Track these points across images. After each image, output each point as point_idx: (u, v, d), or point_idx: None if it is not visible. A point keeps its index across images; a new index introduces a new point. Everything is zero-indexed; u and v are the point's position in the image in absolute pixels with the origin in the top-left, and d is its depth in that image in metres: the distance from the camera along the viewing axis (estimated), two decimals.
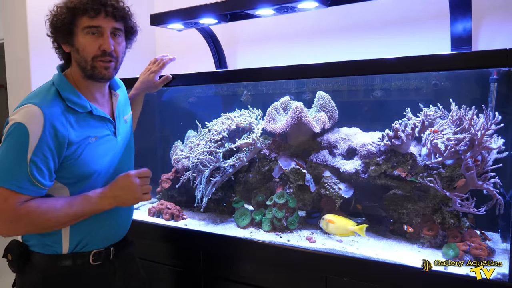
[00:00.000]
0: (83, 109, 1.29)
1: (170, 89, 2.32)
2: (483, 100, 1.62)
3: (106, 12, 1.26)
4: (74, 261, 1.31)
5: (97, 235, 1.35)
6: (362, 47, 2.09)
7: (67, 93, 1.26)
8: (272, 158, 1.91)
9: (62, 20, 1.25)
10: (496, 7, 1.79)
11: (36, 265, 1.29)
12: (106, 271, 1.38)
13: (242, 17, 1.95)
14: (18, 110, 1.19)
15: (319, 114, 1.83)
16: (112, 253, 1.40)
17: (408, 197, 1.66)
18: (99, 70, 1.29)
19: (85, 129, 1.28)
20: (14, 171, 1.15)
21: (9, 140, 1.17)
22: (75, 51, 1.29)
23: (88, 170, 1.29)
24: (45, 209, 1.19)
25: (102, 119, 1.35)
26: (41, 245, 1.29)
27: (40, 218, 1.19)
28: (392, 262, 1.44)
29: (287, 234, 1.75)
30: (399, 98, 1.89)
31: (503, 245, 1.55)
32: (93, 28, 1.26)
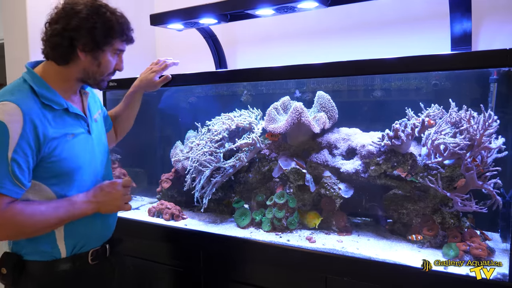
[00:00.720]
0: (59, 106, 1.28)
1: (170, 89, 2.32)
2: (483, 100, 1.62)
3: (131, 39, 1.38)
4: (74, 263, 1.30)
5: (91, 233, 1.36)
6: (362, 47, 2.09)
7: (41, 90, 1.25)
8: (272, 158, 1.91)
9: (103, 35, 1.27)
10: (496, 7, 1.79)
11: (32, 274, 1.27)
12: (104, 269, 1.39)
13: (242, 17, 1.95)
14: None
15: (319, 114, 1.82)
16: (108, 250, 1.41)
17: (408, 197, 1.66)
18: (103, 83, 1.38)
19: (62, 126, 1.28)
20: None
21: None
22: (94, 63, 1.30)
23: (69, 168, 1.28)
24: (30, 212, 1.18)
25: (77, 116, 1.35)
26: (37, 253, 1.27)
27: (27, 221, 1.18)
28: (392, 262, 1.44)
29: (287, 234, 1.75)
30: (399, 98, 1.89)
31: (503, 245, 1.55)
32: (120, 51, 1.36)
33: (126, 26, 1.33)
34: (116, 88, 2.04)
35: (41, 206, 1.22)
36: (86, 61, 1.29)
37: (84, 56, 1.28)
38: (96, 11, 1.26)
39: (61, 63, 1.29)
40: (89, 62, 1.30)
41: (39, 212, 1.20)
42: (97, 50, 1.28)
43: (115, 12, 1.31)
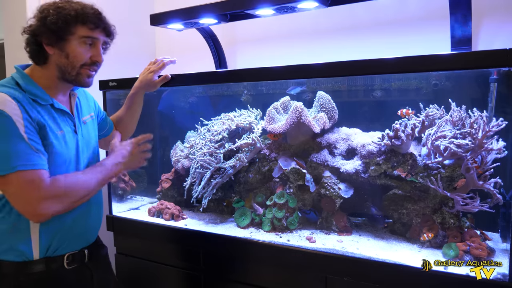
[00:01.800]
0: (45, 101, 1.30)
1: (170, 89, 2.32)
2: (483, 100, 1.62)
3: (103, 27, 1.35)
4: (48, 266, 1.29)
5: (68, 236, 1.34)
6: (363, 47, 2.09)
7: (28, 86, 1.28)
8: (272, 158, 1.91)
9: (60, 24, 1.26)
10: (496, 7, 1.79)
11: (7, 274, 1.26)
12: (83, 276, 1.38)
13: (242, 17, 1.95)
14: None
15: (319, 114, 1.82)
16: (87, 255, 1.39)
17: (408, 197, 1.66)
18: (82, 77, 1.35)
19: (51, 121, 1.30)
20: (20, 153, 1.17)
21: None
22: (62, 55, 1.30)
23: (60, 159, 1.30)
24: (72, 180, 1.26)
25: (63, 113, 1.36)
26: (12, 252, 1.26)
27: (73, 187, 1.25)
28: (392, 262, 1.44)
29: (287, 234, 1.75)
30: (399, 98, 1.89)
31: (503, 245, 1.55)
32: (89, 39, 1.33)
33: (85, 12, 1.30)
34: (116, 88, 2.04)
35: (78, 174, 1.31)
36: (55, 55, 1.30)
37: (51, 50, 1.30)
38: (51, 4, 1.29)
39: (39, 63, 1.33)
40: (57, 55, 1.30)
41: (79, 178, 1.29)
42: (60, 41, 1.28)
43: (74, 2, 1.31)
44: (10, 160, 1.15)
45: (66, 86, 1.39)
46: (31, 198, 1.17)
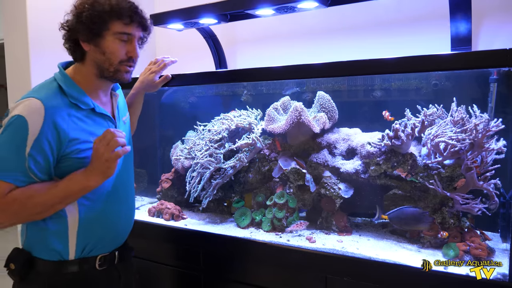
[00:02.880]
0: (85, 105, 1.29)
1: (170, 89, 2.32)
2: (483, 100, 1.62)
3: (138, 21, 1.31)
4: (81, 267, 1.29)
5: (103, 238, 1.35)
6: (362, 47, 2.09)
7: (70, 89, 1.27)
8: (272, 158, 1.91)
9: (95, 20, 1.24)
10: (496, 7, 1.79)
11: (41, 272, 1.27)
12: (111, 276, 1.39)
13: (242, 17, 1.95)
14: (20, 103, 1.19)
15: (319, 114, 1.82)
16: (117, 257, 1.40)
17: (408, 197, 1.66)
18: (121, 73, 1.33)
19: (89, 126, 1.29)
20: (10, 164, 1.15)
21: (8, 132, 1.16)
22: (99, 52, 1.29)
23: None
24: (31, 194, 1.18)
25: (104, 117, 1.35)
26: (46, 251, 1.27)
27: (28, 203, 1.17)
28: (392, 262, 1.44)
29: (287, 234, 1.75)
30: (399, 98, 1.89)
31: (503, 245, 1.55)
32: (125, 35, 1.30)
33: (122, 7, 1.27)
34: None
35: (41, 186, 1.19)
36: (92, 52, 1.29)
37: (87, 47, 1.28)
38: (87, 1, 1.26)
39: (78, 61, 1.33)
40: (94, 51, 1.29)
41: (40, 192, 1.18)
42: (96, 37, 1.27)
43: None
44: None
45: (106, 85, 1.39)
46: None
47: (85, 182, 1.22)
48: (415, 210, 1.55)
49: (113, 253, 1.39)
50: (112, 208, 1.37)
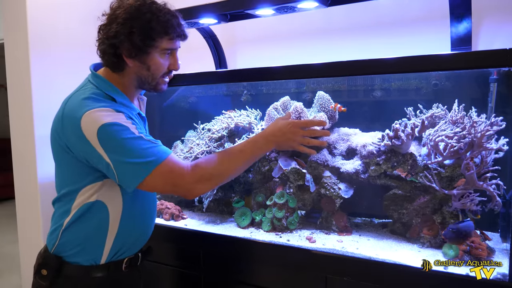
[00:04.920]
0: (134, 111, 1.31)
1: (170, 89, 2.32)
2: (483, 100, 1.63)
3: (182, 35, 1.33)
4: (110, 270, 1.30)
5: (133, 242, 1.36)
6: (362, 47, 2.09)
7: (118, 97, 1.26)
8: (272, 158, 1.91)
9: (145, 40, 1.22)
10: (496, 7, 1.79)
11: (70, 276, 1.27)
12: (134, 277, 1.40)
13: (242, 17, 1.95)
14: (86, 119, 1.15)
15: (319, 114, 1.83)
16: (140, 259, 1.41)
17: (408, 197, 1.66)
18: (160, 85, 1.35)
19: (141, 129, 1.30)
20: (148, 149, 1.17)
21: (114, 140, 1.15)
22: (143, 67, 1.28)
23: None
24: (219, 157, 1.26)
25: (143, 121, 1.38)
26: (82, 256, 1.27)
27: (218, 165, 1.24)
28: (392, 262, 1.44)
29: (287, 234, 1.75)
30: (399, 98, 1.89)
31: (503, 245, 1.55)
32: (170, 50, 1.31)
33: (170, 24, 1.26)
34: None
35: (226, 150, 1.30)
36: (135, 67, 1.27)
37: (131, 62, 1.26)
38: (134, 14, 1.22)
39: (115, 71, 1.29)
40: (138, 67, 1.28)
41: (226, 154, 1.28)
42: (142, 54, 1.25)
43: (156, 12, 1.24)
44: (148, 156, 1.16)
45: (138, 92, 1.39)
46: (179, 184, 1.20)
47: (266, 148, 1.34)
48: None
49: (137, 255, 1.40)
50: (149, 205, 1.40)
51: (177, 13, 1.30)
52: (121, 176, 1.17)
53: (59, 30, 2.31)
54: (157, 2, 1.28)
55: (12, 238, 4.47)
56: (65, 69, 2.32)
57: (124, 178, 1.17)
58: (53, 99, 1.57)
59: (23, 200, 2.45)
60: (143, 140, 1.17)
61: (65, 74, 2.25)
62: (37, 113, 2.27)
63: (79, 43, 2.31)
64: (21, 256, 2.55)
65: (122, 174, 1.17)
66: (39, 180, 2.30)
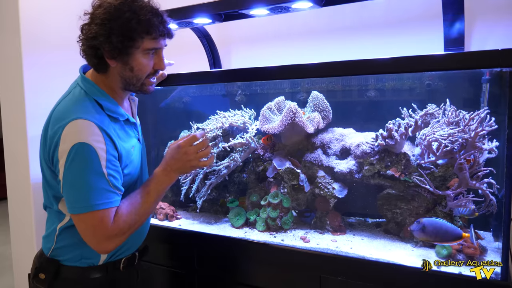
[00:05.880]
0: (122, 117, 1.28)
1: (164, 89, 2.31)
2: (476, 100, 1.64)
3: (166, 34, 1.27)
4: (108, 270, 1.30)
5: (132, 242, 1.36)
6: (356, 47, 2.09)
7: (106, 103, 1.23)
8: (266, 158, 1.91)
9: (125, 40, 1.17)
10: (488, 8, 1.80)
11: (68, 278, 1.26)
12: (131, 277, 1.40)
13: (237, 17, 1.95)
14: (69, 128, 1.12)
15: (313, 114, 1.83)
16: (137, 257, 1.41)
17: (401, 196, 1.67)
18: (146, 86, 1.30)
19: (126, 138, 1.28)
20: (99, 191, 1.13)
21: (78, 163, 1.11)
22: (126, 68, 1.23)
23: (132, 180, 1.30)
24: (134, 209, 1.20)
25: (133, 125, 1.35)
26: (77, 258, 1.26)
27: (135, 218, 1.20)
28: (385, 261, 1.45)
29: (282, 234, 1.75)
30: (393, 98, 1.90)
31: (496, 244, 1.57)
32: (154, 50, 1.25)
33: (152, 23, 1.19)
34: None
35: (136, 199, 1.23)
36: (118, 68, 1.23)
37: (113, 63, 1.22)
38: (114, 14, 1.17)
39: (99, 72, 1.26)
40: (120, 68, 1.23)
41: (138, 205, 1.22)
42: (123, 55, 1.20)
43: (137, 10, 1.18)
44: (88, 199, 1.12)
45: (126, 94, 1.36)
46: (98, 237, 1.15)
47: (169, 181, 1.29)
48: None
49: (134, 255, 1.39)
50: None
51: (160, 11, 1.24)
52: (65, 196, 1.16)
53: (52, 31, 2.30)
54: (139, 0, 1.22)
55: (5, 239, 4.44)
56: (57, 69, 2.30)
57: (66, 200, 1.16)
58: (46, 100, 1.56)
59: (16, 200, 2.43)
60: (103, 179, 1.13)
61: (57, 75, 2.24)
62: (29, 113, 2.25)
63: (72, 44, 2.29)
64: (14, 257, 2.53)
65: (65, 196, 1.16)
66: (32, 181, 2.28)
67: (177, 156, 1.27)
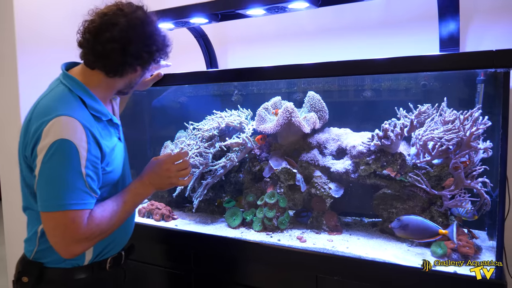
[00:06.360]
0: (105, 117, 1.27)
1: (160, 88, 2.31)
2: (471, 100, 1.65)
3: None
4: (92, 271, 1.28)
5: (117, 241, 1.35)
6: (353, 48, 2.10)
7: (90, 101, 1.22)
8: (263, 158, 1.91)
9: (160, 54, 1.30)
10: (483, 9, 1.81)
11: (52, 281, 1.24)
12: (118, 277, 1.39)
13: (233, 17, 1.95)
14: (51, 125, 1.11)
15: (309, 115, 1.83)
16: (123, 257, 1.40)
17: (397, 196, 1.68)
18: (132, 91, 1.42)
19: (108, 138, 1.27)
20: (75, 190, 1.11)
21: (58, 159, 1.09)
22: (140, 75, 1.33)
23: (114, 179, 1.29)
24: (108, 215, 1.19)
25: (114, 125, 1.34)
26: (61, 260, 1.23)
27: (109, 224, 1.19)
28: (381, 260, 1.45)
29: (278, 234, 1.76)
30: (389, 99, 1.91)
31: (490, 243, 1.58)
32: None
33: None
34: None
35: (112, 205, 1.22)
36: (137, 74, 1.31)
37: (140, 71, 1.30)
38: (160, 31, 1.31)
39: (114, 76, 1.26)
40: (139, 75, 1.32)
41: (114, 212, 1.22)
42: (147, 65, 1.30)
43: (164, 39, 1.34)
44: (63, 197, 1.09)
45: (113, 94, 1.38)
46: (67, 238, 1.12)
47: (146, 195, 1.32)
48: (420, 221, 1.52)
49: (120, 254, 1.39)
50: None
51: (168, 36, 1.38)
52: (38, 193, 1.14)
53: (48, 27, 2.28)
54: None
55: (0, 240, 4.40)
56: (52, 67, 2.27)
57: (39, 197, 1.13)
58: None
59: (10, 202, 2.41)
60: (80, 179, 1.11)
61: (52, 72, 2.21)
62: (24, 112, 2.24)
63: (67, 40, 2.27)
64: (8, 258, 2.51)
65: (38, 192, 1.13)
66: None
67: (159, 172, 1.32)
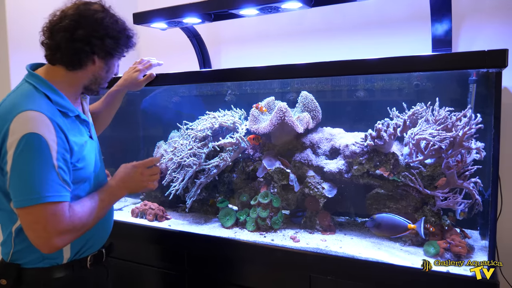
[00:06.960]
0: (72, 113, 1.26)
1: (153, 89, 2.30)
2: (463, 100, 1.66)
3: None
4: (74, 269, 1.27)
5: (96, 239, 1.34)
6: (345, 48, 2.11)
7: (55, 97, 1.22)
8: (256, 158, 1.91)
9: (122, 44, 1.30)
10: (475, 10, 1.82)
11: (32, 282, 1.22)
12: (100, 275, 1.38)
13: (226, 17, 1.95)
14: (17, 120, 1.10)
15: (303, 114, 1.83)
16: (104, 254, 1.39)
17: (390, 196, 1.68)
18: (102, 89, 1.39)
19: (78, 134, 1.26)
20: (49, 182, 1.10)
21: (28, 153, 1.08)
22: (104, 69, 1.31)
23: (85, 175, 1.27)
24: (88, 210, 1.21)
25: (83, 122, 1.33)
26: (39, 260, 1.23)
27: (88, 219, 1.21)
28: (375, 260, 1.46)
29: (271, 234, 1.75)
30: (382, 99, 1.92)
31: (482, 242, 1.59)
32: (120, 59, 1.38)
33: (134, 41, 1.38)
34: None
35: (91, 202, 1.24)
36: (98, 67, 1.29)
37: (99, 62, 1.28)
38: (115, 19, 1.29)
39: (74, 69, 1.26)
40: (100, 68, 1.30)
41: (93, 208, 1.23)
42: (111, 57, 1.30)
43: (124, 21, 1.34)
44: (38, 190, 1.08)
45: (81, 91, 1.36)
46: (50, 231, 1.10)
47: (119, 196, 1.36)
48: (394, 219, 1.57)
49: (100, 252, 1.38)
50: None
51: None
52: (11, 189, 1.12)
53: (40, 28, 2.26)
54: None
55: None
56: None
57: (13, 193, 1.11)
58: None
59: None
60: (53, 171, 1.11)
61: None
62: None
63: None
64: None
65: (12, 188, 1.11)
66: None
67: (133, 175, 1.36)
